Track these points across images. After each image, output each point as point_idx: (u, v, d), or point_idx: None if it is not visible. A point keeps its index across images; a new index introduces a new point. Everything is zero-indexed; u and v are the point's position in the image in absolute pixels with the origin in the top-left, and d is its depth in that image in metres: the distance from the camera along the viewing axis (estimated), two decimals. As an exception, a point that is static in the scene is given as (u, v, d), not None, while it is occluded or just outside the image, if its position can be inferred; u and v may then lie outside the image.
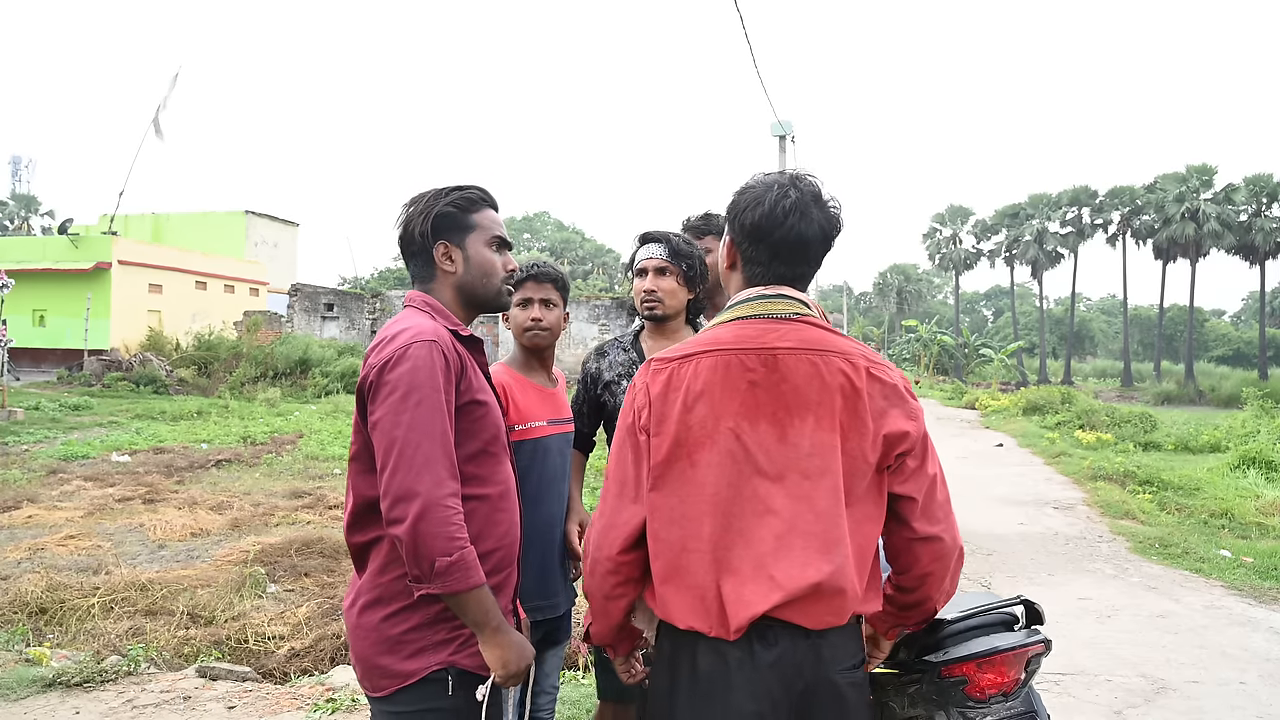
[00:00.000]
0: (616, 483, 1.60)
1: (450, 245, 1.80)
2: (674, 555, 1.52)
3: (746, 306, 1.60)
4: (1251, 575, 6.33)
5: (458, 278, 1.81)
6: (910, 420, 1.53)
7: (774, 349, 1.53)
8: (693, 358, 1.56)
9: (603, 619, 1.66)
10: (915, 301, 60.50)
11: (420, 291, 1.82)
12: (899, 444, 1.52)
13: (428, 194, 1.82)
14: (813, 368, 1.51)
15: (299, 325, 26.75)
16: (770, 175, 1.65)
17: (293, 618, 4.85)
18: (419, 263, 1.82)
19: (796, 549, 1.47)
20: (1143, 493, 9.75)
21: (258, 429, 13.72)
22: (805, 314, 1.58)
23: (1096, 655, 4.56)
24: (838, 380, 1.51)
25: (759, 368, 1.52)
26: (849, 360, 1.53)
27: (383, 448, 1.58)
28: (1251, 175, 40.41)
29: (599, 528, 1.60)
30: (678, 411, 1.53)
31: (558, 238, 64.58)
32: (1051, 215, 47.32)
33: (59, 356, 24.38)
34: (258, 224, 36.12)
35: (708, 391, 1.53)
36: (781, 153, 15.18)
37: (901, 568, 1.61)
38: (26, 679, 3.72)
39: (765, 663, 1.47)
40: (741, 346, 1.54)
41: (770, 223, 1.58)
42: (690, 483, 1.52)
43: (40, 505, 7.78)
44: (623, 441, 1.61)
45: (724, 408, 1.52)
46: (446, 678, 1.65)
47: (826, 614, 1.48)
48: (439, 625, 1.65)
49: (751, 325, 1.56)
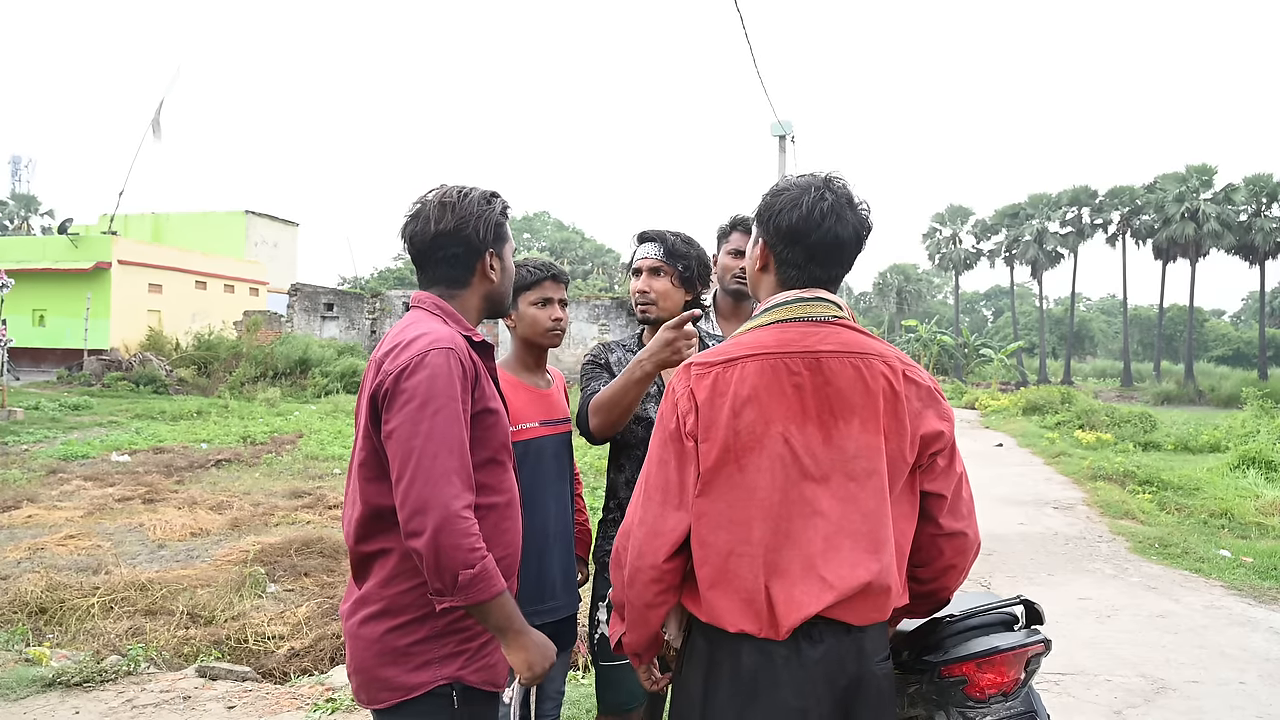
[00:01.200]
0: (659, 489, 1.56)
1: (495, 254, 1.78)
2: (721, 560, 1.52)
3: (785, 310, 1.60)
4: (1251, 575, 6.33)
5: (494, 287, 1.80)
6: (943, 421, 1.59)
7: (817, 352, 1.54)
8: (737, 361, 1.55)
9: (641, 628, 1.63)
10: (915, 301, 60.45)
11: (432, 294, 1.76)
12: (933, 444, 1.57)
13: (474, 195, 1.76)
14: (856, 371, 1.53)
15: (299, 325, 26.75)
16: (803, 177, 1.64)
17: (292, 617, 4.85)
18: (453, 267, 1.76)
19: (845, 549, 1.50)
20: (1142, 493, 9.75)
21: (257, 429, 13.72)
22: (841, 317, 1.59)
23: (1096, 655, 4.56)
24: (880, 383, 1.54)
25: (804, 371, 1.53)
26: (887, 363, 1.55)
27: (399, 457, 1.55)
28: (1251, 175, 40.43)
29: (641, 535, 1.56)
30: (726, 416, 1.52)
31: (558, 237, 64.60)
32: (1051, 215, 47.32)
33: (59, 356, 24.38)
34: (257, 224, 36.12)
35: (755, 396, 1.52)
36: (781, 153, 15.19)
37: (923, 561, 1.64)
38: (26, 679, 3.72)
39: (812, 660, 1.49)
40: (785, 350, 1.54)
41: (808, 225, 1.58)
42: (738, 487, 1.52)
43: (40, 505, 7.78)
44: (664, 446, 1.57)
45: (772, 412, 1.51)
46: (451, 693, 1.63)
47: (872, 611, 1.52)
48: (447, 638, 1.63)
49: (792, 329, 1.57)
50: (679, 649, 1.67)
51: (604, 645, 2.22)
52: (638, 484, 1.62)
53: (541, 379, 2.48)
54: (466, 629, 1.66)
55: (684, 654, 1.63)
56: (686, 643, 1.63)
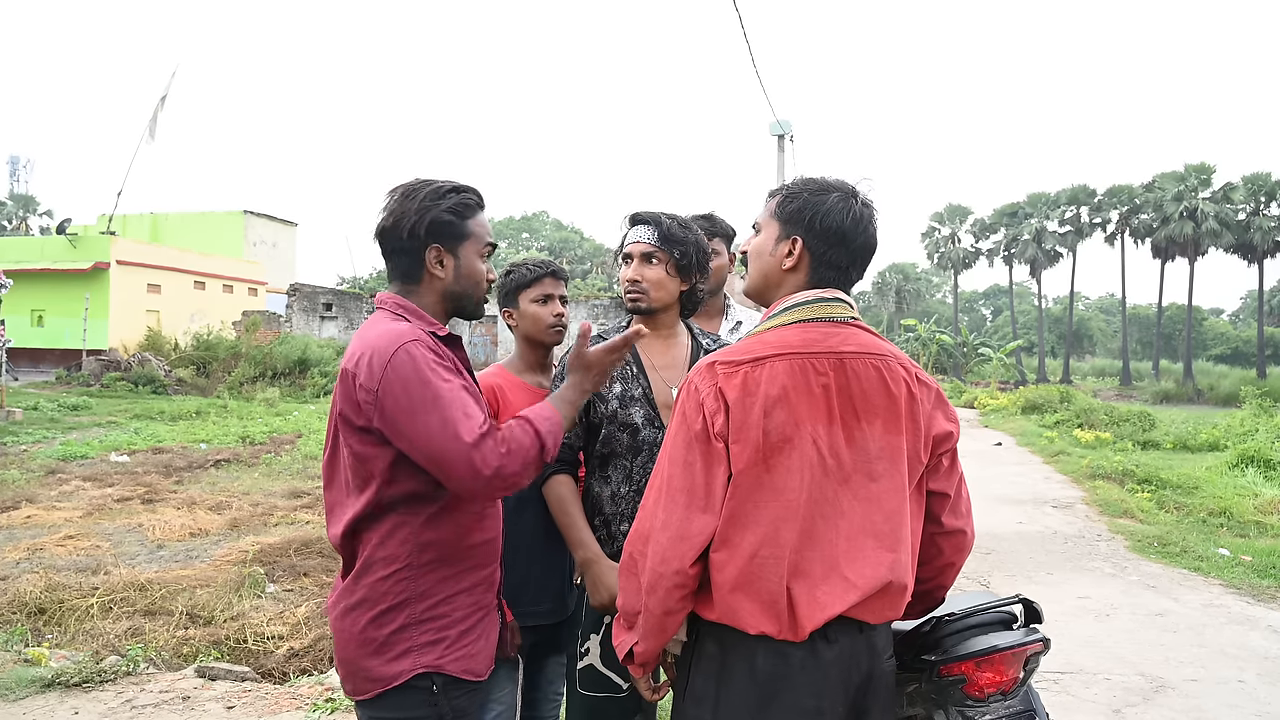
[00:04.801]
0: (684, 492, 1.51)
1: (443, 251, 1.71)
2: (746, 562, 1.49)
3: (807, 309, 1.59)
4: (1250, 573, 6.34)
5: (446, 284, 1.73)
6: (951, 422, 1.64)
7: (840, 353, 1.55)
8: (764, 361, 1.53)
9: (657, 636, 1.57)
10: (914, 300, 60.47)
11: (393, 294, 1.74)
12: (943, 444, 1.62)
13: (423, 190, 1.71)
14: (878, 372, 1.55)
15: (297, 325, 26.74)
16: (836, 179, 1.65)
17: (291, 617, 4.84)
18: (402, 261, 1.72)
19: (868, 549, 1.51)
20: (1141, 491, 9.75)
21: (256, 429, 13.71)
22: (857, 318, 1.62)
23: (1095, 654, 4.56)
24: (902, 386, 1.57)
25: (829, 372, 1.53)
26: (904, 365, 1.59)
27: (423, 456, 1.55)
28: (1250, 174, 40.44)
29: (664, 540, 1.50)
30: (756, 417, 1.49)
31: (556, 237, 64.59)
32: (1050, 214, 47.31)
33: (57, 357, 24.35)
34: (256, 224, 36.10)
35: (785, 396, 1.50)
36: (780, 152, 15.19)
37: (922, 559, 1.66)
38: (25, 679, 3.72)
39: (828, 660, 1.50)
40: (811, 350, 1.54)
41: (856, 228, 1.60)
42: (765, 488, 1.50)
43: (39, 505, 7.77)
44: (689, 447, 1.52)
45: (801, 412, 1.51)
46: (431, 685, 1.62)
47: (888, 610, 1.55)
48: (425, 625, 1.63)
49: (815, 329, 1.57)
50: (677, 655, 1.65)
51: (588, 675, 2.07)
52: (653, 486, 1.57)
53: (546, 378, 2.40)
54: (443, 616, 1.65)
55: (689, 660, 1.60)
56: (688, 649, 1.62)
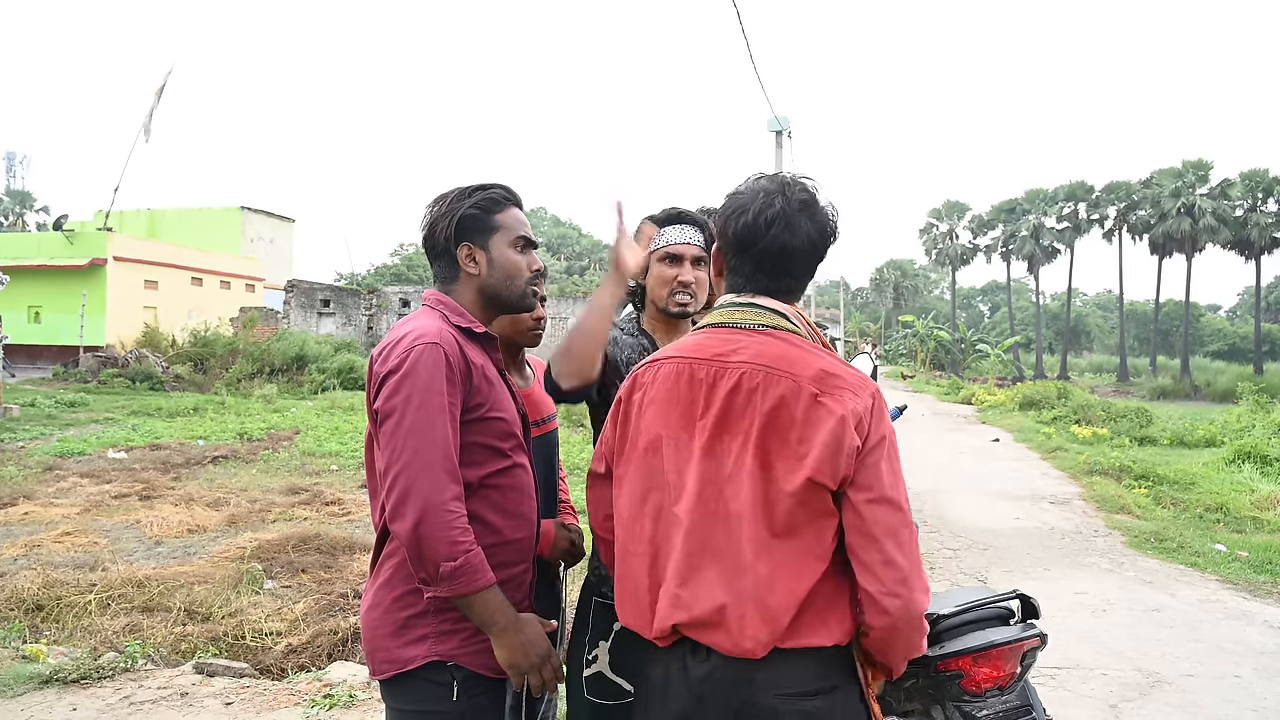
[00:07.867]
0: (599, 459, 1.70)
1: (474, 247, 1.78)
2: (621, 554, 1.58)
3: (718, 314, 1.58)
4: (1246, 569, 6.36)
5: (481, 280, 1.80)
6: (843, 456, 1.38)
7: (726, 362, 1.48)
8: (659, 362, 1.57)
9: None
10: (912, 297, 60.57)
11: (438, 291, 1.82)
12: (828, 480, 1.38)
13: (451, 194, 1.81)
14: (754, 387, 1.44)
15: (295, 321, 26.72)
16: (761, 180, 1.56)
17: (290, 614, 4.84)
18: (442, 263, 1.82)
19: (705, 570, 1.44)
20: (1138, 487, 9.76)
21: (254, 425, 13.69)
22: (774, 327, 1.50)
23: (1092, 649, 4.57)
24: (770, 404, 1.43)
25: (705, 381, 1.49)
26: (795, 383, 1.42)
27: (386, 451, 1.58)
28: (1248, 170, 40.60)
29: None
30: (633, 415, 1.57)
31: (554, 233, 64.49)
32: (1048, 210, 47.37)
33: (54, 353, 24.33)
34: (254, 220, 36.02)
35: (658, 399, 1.53)
36: (778, 148, 15.17)
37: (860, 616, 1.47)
38: (23, 676, 3.72)
39: (696, 677, 1.44)
40: (698, 356, 1.52)
41: (752, 234, 1.52)
42: (624, 484, 1.57)
43: (36, 502, 7.76)
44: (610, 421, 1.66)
45: (667, 417, 1.52)
46: (450, 678, 1.64)
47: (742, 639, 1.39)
48: (445, 614, 1.65)
49: (715, 335, 1.53)
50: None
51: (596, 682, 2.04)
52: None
53: (521, 377, 2.32)
54: None
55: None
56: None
